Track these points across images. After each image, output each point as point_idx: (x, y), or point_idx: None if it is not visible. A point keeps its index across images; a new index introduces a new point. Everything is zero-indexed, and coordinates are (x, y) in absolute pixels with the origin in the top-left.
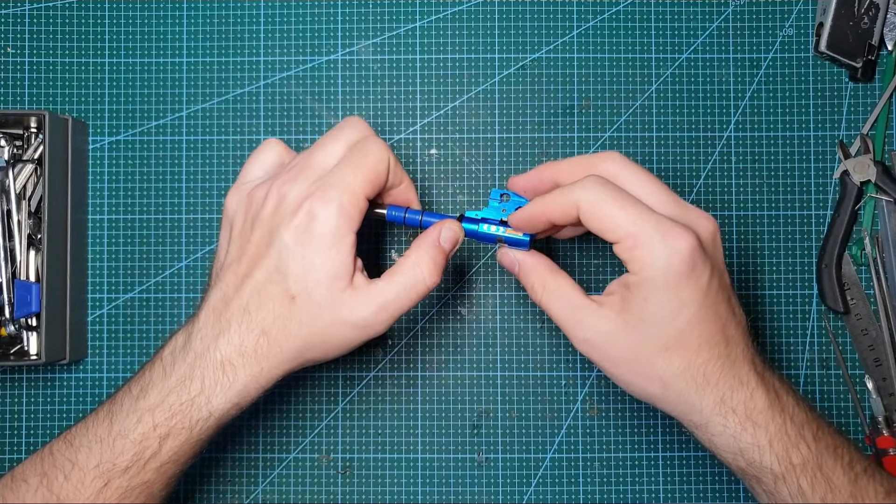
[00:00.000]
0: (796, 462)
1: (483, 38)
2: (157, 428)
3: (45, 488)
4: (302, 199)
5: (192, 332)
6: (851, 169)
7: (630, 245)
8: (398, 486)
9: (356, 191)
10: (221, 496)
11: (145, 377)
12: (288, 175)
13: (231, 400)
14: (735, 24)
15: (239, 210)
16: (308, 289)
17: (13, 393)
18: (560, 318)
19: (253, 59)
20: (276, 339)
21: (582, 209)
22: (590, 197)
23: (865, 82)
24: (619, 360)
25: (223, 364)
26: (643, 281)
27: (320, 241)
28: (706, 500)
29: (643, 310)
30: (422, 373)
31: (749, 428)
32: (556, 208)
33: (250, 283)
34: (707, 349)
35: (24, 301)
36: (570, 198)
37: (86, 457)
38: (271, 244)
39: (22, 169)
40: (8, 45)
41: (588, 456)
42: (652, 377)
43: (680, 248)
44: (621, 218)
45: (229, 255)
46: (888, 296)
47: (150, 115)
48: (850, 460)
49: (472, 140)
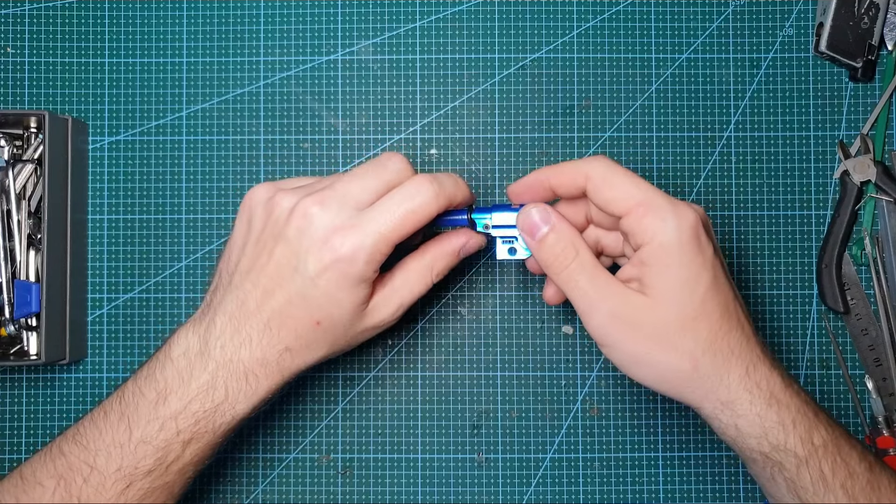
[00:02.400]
0: (818, 443)
1: (483, 38)
2: (181, 434)
3: (64, 490)
4: (330, 231)
5: (208, 338)
6: (851, 169)
7: (641, 214)
8: (398, 486)
9: (389, 240)
10: (221, 496)
11: (158, 380)
12: (317, 197)
13: (253, 405)
14: (735, 24)
15: (259, 212)
16: (332, 316)
17: (13, 393)
18: (587, 290)
19: (253, 59)
20: (300, 354)
21: (592, 178)
22: (600, 168)
23: (865, 82)
24: (648, 337)
25: (246, 374)
26: (658, 248)
27: (346, 281)
28: (706, 500)
29: (666, 278)
30: (422, 373)
31: (774, 405)
32: (562, 175)
33: (271, 302)
34: (727, 320)
35: (24, 301)
36: (580, 167)
37: (105, 461)
38: (295, 270)
39: (22, 169)
40: (8, 45)
41: (588, 456)
42: (683, 352)
43: (689, 217)
44: (631, 188)
45: (245, 260)
46: (888, 296)
47: (150, 115)
48: (863, 449)
49: (472, 140)
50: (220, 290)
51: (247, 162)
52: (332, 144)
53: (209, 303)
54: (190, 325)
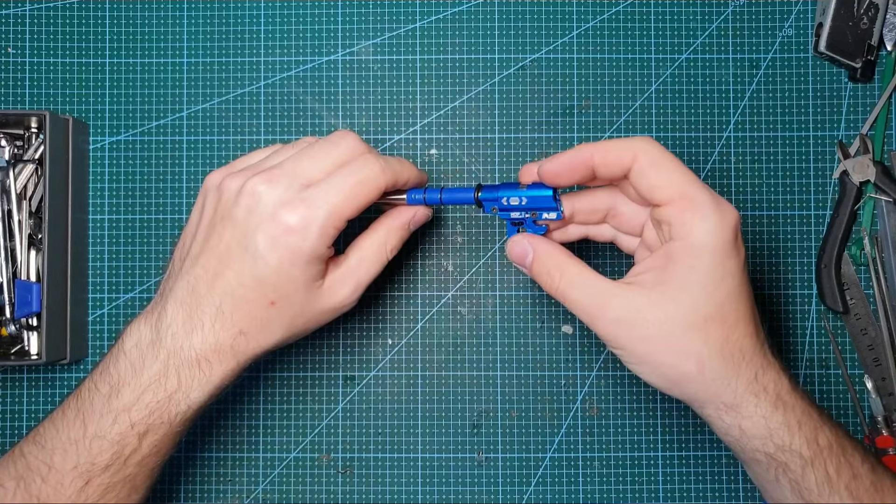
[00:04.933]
0: (823, 444)
1: (483, 38)
2: (136, 426)
3: (24, 490)
4: (279, 206)
5: (159, 327)
6: (851, 169)
7: (683, 207)
8: (398, 486)
9: (341, 214)
10: (221, 496)
11: (112, 374)
12: (265, 175)
13: (209, 393)
14: (735, 24)
15: (210, 197)
16: (287, 295)
17: (13, 393)
18: (583, 304)
19: (253, 59)
20: (255, 337)
21: (640, 160)
22: (651, 150)
23: (865, 82)
24: (652, 337)
25: (199, 361)
26: (692, 247)
27: (298, 257)
28: (706, 500)
29: (687, 278)
30: (422, 373)
31: (780, 406)
32: (609, 154)
33: (222, 284)
34: (743, 325)
35: (24, 301)
36: (630, 145)
37: (61, 459)
38: (245, 248)
39: (22, 169)
40: (8, 45)
41: (588, 456)
42: (688, 353)
43: (730, 218)
44: (679, 176)
45: (196, 245)
46: (887, 296)
47: (150, 115)
48: (864, 450)
49: (472, 140)
50: (171, 277)
51: None
52: None
53: (161, 291)
54: (142, 316)
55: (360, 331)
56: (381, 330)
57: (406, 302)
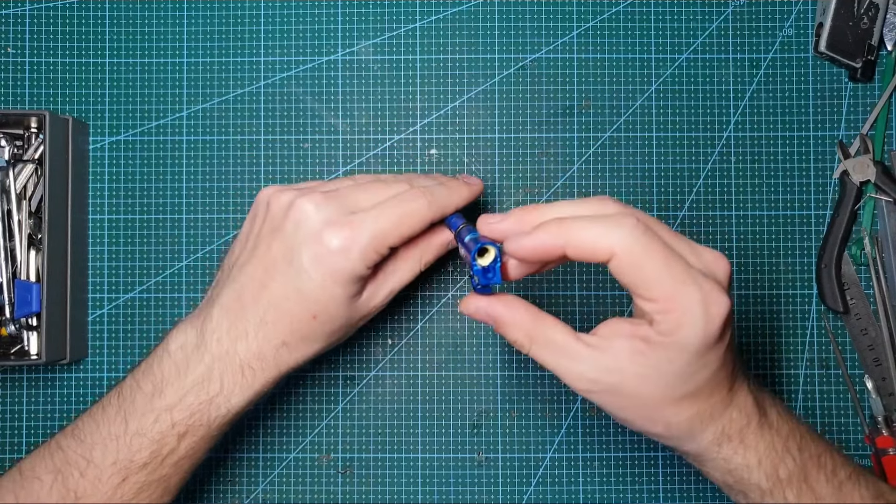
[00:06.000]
0: (783, 476)
1: (483, 38)
2: (176, 426)
3: (61, 485)
4: (325, 226)
5: (204, 331)
6: (851, 169)
7: (668, 308)
8: (398, 486)
9: (384, 241)
10: (221, 496)
11: (156, 373)
12: (318, 195)
13: (249, 398)
14: (735, 24)
15: (262, 209)
16: (328, 310)
17: (13, 393)
18: (556, 370)
19: (253, 59)
20: (297, 348)
21: (619, 256)
22: (631, 249)
23: (865, 82)
24: (624, 407)
25: (242, 367)
26: (672, 344)
27: (340, 276)
28: (706, 500)
29: (662, 368)
30: (422, 373)
31: (740, 450)
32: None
33: (267, 296)
34: (717, 393)
35: (24, 301)
36: (606, 240)
37: (101, 454)
38: (290, 262)
39: (22, 169)
40: (8, 45)
41: (588, 456)
42: (657, 421)
43: (718, 315)
44: (665, 278)
45: (245, 254)
46: (888, 296)
47: (150, 115)
48: (834, 468)
49: (472, 140)
50: (220, 283)
51: (247, 162)
52: (332, 144)
53: (209, 297)
54: (189, 319)
55: (360, 331)
56: (381, 330)
57: (406, 302)
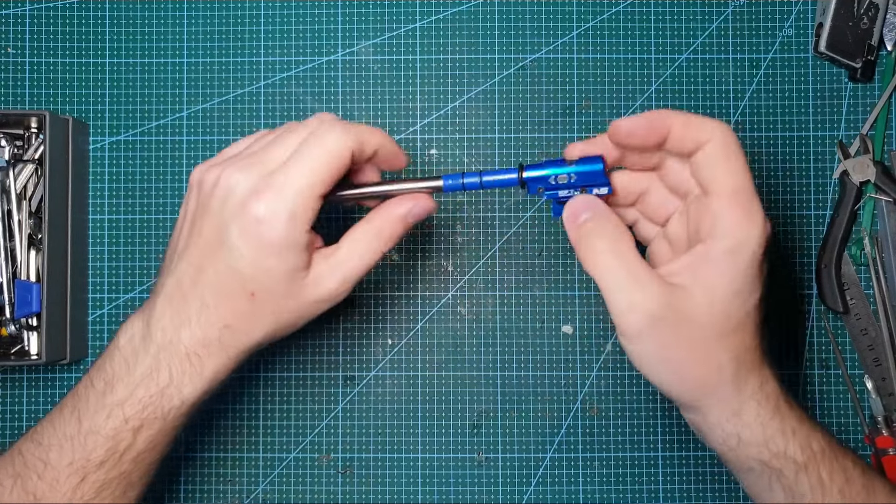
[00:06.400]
0: (816, 449)
1: (483, 38)
2: (129, 421)
3: (20, 488)
4: (249, 196)
5: (150, 323)
6: (851, 169)
7: (737, 204)
8: (398, 486)
9: (308, 194)
10: (221, 496)
11: (107, 369)
12: (240, 163)
13: (201, 387)
14: (735, 24)
15: (194, 192)
16: (267, 286)
17: (13, 393)
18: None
19: (253, 59)
20: (241, 329)
21: (715, 144)
22: (727, 139)
23: (865, 82)
24: (684, 341)
25: (188, 355)
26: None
27: (271, 246)
28: (706, 500)
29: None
30: (422, 373)
31: (777, 415)
32: (689, 126)
33: (205, 278)
34: (757, 335)
35: (24, 301)
36: (710, 126)
37: (57, 455)
38: (222, 241)
39: (22, 169)
40: (8, 45)
41: (588, 456)
42: (712, 361)
43: (768, 228)
44: (742, 176)
45: (182, 241)
46: (887, 296)
47: (150, 115)
48: (855, 455)
49: (472, 140)
50: (163, 273)
51: None
52: None
53: (154, 289)
54: (137, 313)
55: (360, 331)
56: (381, 330)
57: (406, 302)
